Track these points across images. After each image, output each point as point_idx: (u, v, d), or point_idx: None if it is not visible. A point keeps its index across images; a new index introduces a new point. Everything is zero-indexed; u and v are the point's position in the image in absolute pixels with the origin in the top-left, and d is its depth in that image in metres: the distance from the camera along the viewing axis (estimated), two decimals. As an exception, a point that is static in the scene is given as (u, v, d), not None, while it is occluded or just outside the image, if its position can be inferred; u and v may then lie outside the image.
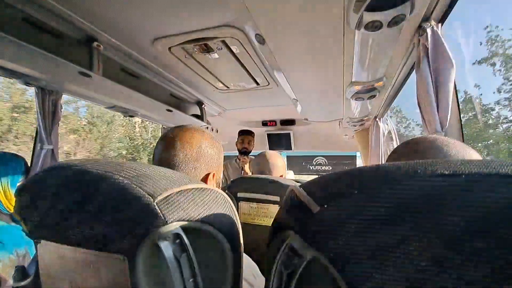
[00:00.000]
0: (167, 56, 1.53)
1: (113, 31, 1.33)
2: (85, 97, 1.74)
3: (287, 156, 3.45)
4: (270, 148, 3.17)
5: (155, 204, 0.33)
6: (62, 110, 1.85)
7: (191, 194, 0.36)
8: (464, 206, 0.20)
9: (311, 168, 3.37)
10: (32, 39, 1.14)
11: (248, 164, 2.33)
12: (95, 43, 1.36)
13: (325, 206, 0.25)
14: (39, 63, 1.25)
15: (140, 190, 0.34)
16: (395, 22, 0.80)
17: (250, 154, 2.45)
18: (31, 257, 0.89)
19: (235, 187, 1.14)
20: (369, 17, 0.78)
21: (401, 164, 0.25)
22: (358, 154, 2.96)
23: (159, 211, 0.33)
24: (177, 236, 0.33)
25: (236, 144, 2.45)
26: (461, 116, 0.97)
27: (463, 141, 0.96)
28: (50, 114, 1.72)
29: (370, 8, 0.76)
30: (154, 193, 0.34)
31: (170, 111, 2.00)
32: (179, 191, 0.35)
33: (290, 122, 2.90)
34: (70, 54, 1.31)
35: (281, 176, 1.31)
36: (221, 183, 0.70)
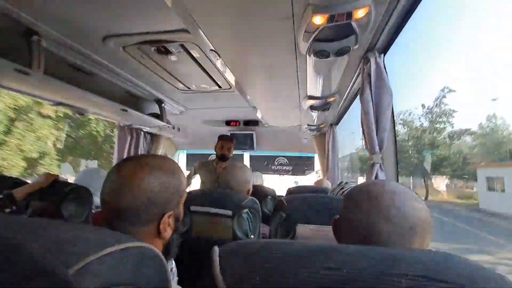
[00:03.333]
0: (121, 55, 1.44)
1: (56, 25, 1.20)
2: (25, 94, 1.57)
3: (250, 156, 3.49)
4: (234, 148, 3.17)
5: (69, 276, 0.31)
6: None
7: (112, 258, 0.34)
8: None
9: (273, 168, 3.47)
10: None
11: (225, 168, 2.29)
12: (35, 37, 1.23)
13: None
14: None
15: (54, 262, 0.31)
16: (341, 52, 0.85)
17: (228, 159, 2.41)
18: None
19: (188, 201, 1.13)
20: (317, 46, 0.82)
21: (300, 248, 0.28)
22: (316, 156, 3.11)
23: (74, 284, 0.31)
24: None
25: (215, 148, 2.40)
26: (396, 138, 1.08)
27: (397, 160, 1.07)
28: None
29: (318, 39, 0.79)
30: (70, 263, 0.31)
31: (125, 110, 1.89)
32: (99, 257, 0.33)
33: (253, 123, 2.92)
34: (5, 48, 1.17)
35: (248, 190, 1.30)
36: (182, 214, 0.64)
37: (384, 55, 0.99)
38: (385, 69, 0.97)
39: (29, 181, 1.43)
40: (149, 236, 0.57)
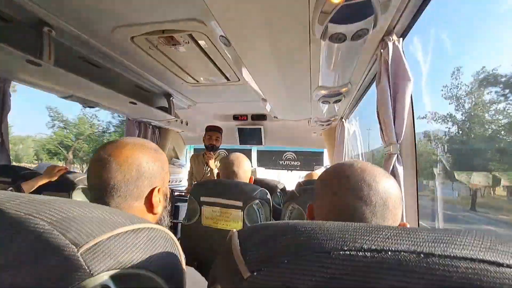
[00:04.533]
0: (129, 46, 1.43)
1: (66, 16, 1.20)
2: (36, 85, 1.58)
3: (258, 151, 3.46)
4: (241, 143, 3.15)
5: (79, 255, 0.29)
6: (11, 98, 1.67)
7: (123, 238, 0.33)
8: (388, 284, 0.21)
9: (281, 163, 3.43)
10: None
11: (213, 159, 2.30)
12: (45, 28, 1.23)
13: (255, 273, 0.25)
14: None
15: (62, 238, 0.30)
16: (358, 35, 0.81)
17: (217, 149, 2.42)
18: None
19: (198, 191, 1.12)
20: (333, 29, 0.78)
21: (334, 230, 0.25)
22: (325, 150, 3.06)
23: (84, 263, 0.29)
24: (105, 287, 0.30)
25: (203, 140, 2.41)
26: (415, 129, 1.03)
27: (416, 151, 1.03)
28: (-5, 103, 1.54)
29: (335, 21, 0.76)
30: (79, 241, 0.30)
31: (134, 103, 1.89)
32: (109, 237, 0.32)
33: (262, 117, 2.89)
34: (17, 39, 1.17)
35: (251, 178, 1.31)
36: (168, 192, 0.66)
37: (403, 40, 0.94)
38: (404, 54, 0.93)
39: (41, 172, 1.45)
40: (142, 213, 0.58)
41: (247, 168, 1.27)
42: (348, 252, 0.23)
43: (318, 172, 2.80)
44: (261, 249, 0.27)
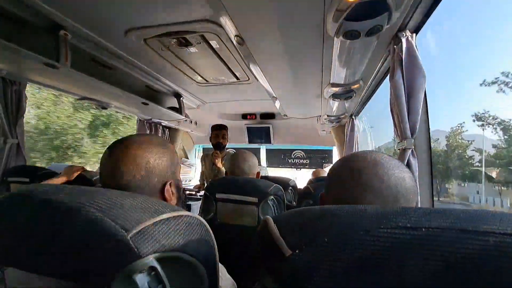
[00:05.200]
0: (142, 48, 1.46)
1: (81, 19, 1.24)
2: (52, 88, 1.63)
3: (266, 149, 3.48)
4: (250, 142, 3.16)
5: (129, 238, 0.32)
6: (27, 101, 1.72)
7: (165, 224, 0.36)
8: (423, 259, 0.22)
9: (290, 161, 3.44)
10: None
11: (220, 158, 2.32)
12: (61, 32, 1.26)
13: (297, 251, 0.26)
14: None
15: (113, 224, 0.33)
16: (372, 32, 0.81)
17: (225, 147, 2.44)
18: None
19: (213, 188, 1.14)
20: (347, 26, 0.79)
21: (370, 211, 0.26)
22: (334, 148, 3.05)
23: (133, 246, 0.32)
24: (152, 268, 0.33)
25: (210, 139, 2.43)
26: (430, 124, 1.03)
27: (430, 147, 1.03)
28: (13, 105, 1.59)
29: (349, 18, 0.76)
30: (128, 227, 0.33)
31: (146, 104, 1.93)
32: (154, 223, 0.35)
33: (270, 115, 2.90)
34: (34, 42, 1.20)
35: (258, 173, 1.33)
36: (181, 183, 0.67)
37: (416, 35, 0.94)
38: (417, 49, 0.93)
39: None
40: None
41: (252, 163, 1.29)
42: (385, 230, 0.24)
43: (326, 170, 2.80)
44: (300, 230, 0.28)
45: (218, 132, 2.40)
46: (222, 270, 0.65)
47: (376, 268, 0.23)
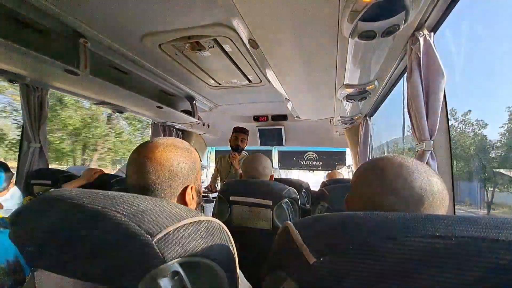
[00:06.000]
0: (157, 53, 1.49)
1: (100, 27, 1.28)
2: (72, 93, 1.69)
3: (279, 151, 3.46)
4: (262, 144, 3.16)
5: (153, 243, 0.33)
6: (49, 106, 1.80)
7: (188, 229, 0.37)
8: (452, 269, 0.21)
9: (302, 163, 3.40)
10: (14, 35, 1.09)
11: (237, 160, 2.35)
12: (81, 39, 1.31)
13: (321, 258, 0.26)
14: (22, 60, 1.20)
15: (138, 229, 0.34)
16: (388, 32, 0.80)
17: (242, 150, 2.46)
18: (23, 265, 0.88)
19: (228, 191, 1.15)
20: (363, 27, 0.77)
21: (395, 218, 0.26)
22: (348, 150, 3.00)
23: (158, 251, 0.33)
24: (175, 273, 0.34)
25: (230, 140, 2.45)
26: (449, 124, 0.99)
27: (451, 149, 0.99)
28: (36, 111, 1.66)
29: (365, 19, 0.75)
30: (153, 231, 0.34)
31: (161, 107, 1.97)
32: (177, 228, 0.36)
33: (282, 117, 2.89)
34: (56, 50, 1.26)
35: (271, 176, 1.33)
36: (201, 189, 0.69)
37: (434, 34, 0.92)
38: (436, 49, 0.90)
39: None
40: None
41: (266, 165, 1.30)
42: (413, 238, 0.24)
43: (340, 172, 2.76)
44: (325, 237, 0.28)
45: (238, 135, 2.42)
46: (239, 274, 0.65)
47: (404, 278, 0.22)
